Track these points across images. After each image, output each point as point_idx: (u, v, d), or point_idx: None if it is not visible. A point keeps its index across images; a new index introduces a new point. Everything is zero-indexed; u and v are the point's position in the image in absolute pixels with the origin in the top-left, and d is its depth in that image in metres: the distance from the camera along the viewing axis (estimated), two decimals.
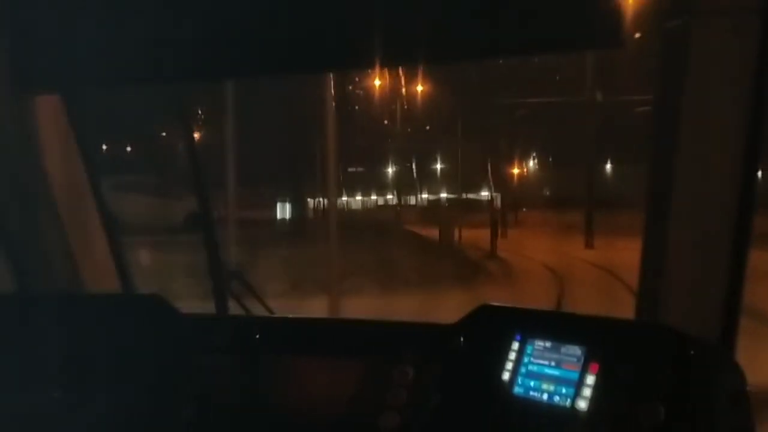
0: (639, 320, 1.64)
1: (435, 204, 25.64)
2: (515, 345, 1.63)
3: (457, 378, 1.66)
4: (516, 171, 23.28)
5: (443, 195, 25.48)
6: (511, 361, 1.61)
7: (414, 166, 26.60)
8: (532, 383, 1.57)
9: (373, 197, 32.33)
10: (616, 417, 1.40)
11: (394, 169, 27.27)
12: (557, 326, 1.62)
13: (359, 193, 30.82)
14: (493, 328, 1.68)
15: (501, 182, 23.46)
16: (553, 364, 1.55)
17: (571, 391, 1.49)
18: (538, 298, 9.77)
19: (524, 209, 23.49)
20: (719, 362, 1.41)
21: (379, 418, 1.65)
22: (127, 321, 1.99)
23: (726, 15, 1.42)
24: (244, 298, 2.09)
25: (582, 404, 1.47)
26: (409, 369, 1.70)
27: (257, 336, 1.91)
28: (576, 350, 1.53)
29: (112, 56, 1.96)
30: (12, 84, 2.09)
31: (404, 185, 28.21)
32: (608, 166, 22.24)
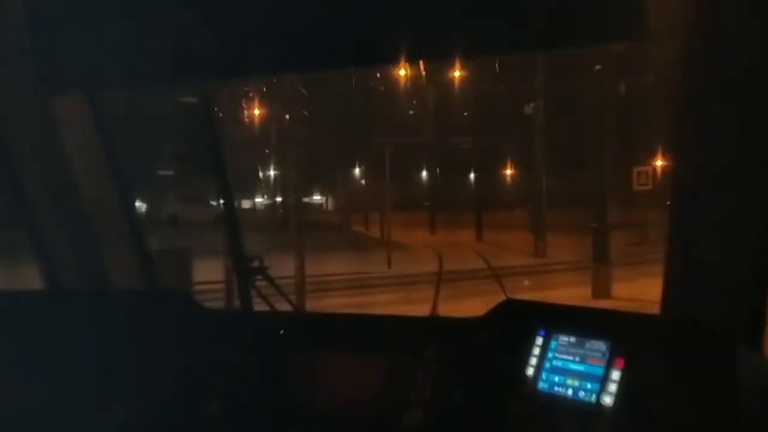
0: (665, 315, 1.63)
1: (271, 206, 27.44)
2: (539, 340, 1.62)
3: (481, 374, 1.66)
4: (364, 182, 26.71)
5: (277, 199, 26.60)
6: (535, 356, 1.61)
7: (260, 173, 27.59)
8: (556, 378, 1.56)
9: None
10: (643, 413, 1.39)
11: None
12: (581, 321, 1.61)
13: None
14: (517, 324, 1.67)
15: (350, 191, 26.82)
16: (577, 359, 1.55)
17: (596, 386, 1.48)
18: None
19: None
20: (746, 357, 1.39)
21: (403, 414, 1.65)
22: (154, 317, 2.02)
23: (747, 7, 1.40)
24: (268, 294, 2.11)
25: (607, 400, 1.46)
26: (433, 365, 1.70)
27: (281, 332, 1.92)
28: (601, 345, 1.52)
29: (136, 57, 1.99)
30: (40, 86, 2.13)
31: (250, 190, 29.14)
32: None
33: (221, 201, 2.26)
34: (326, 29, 1.77)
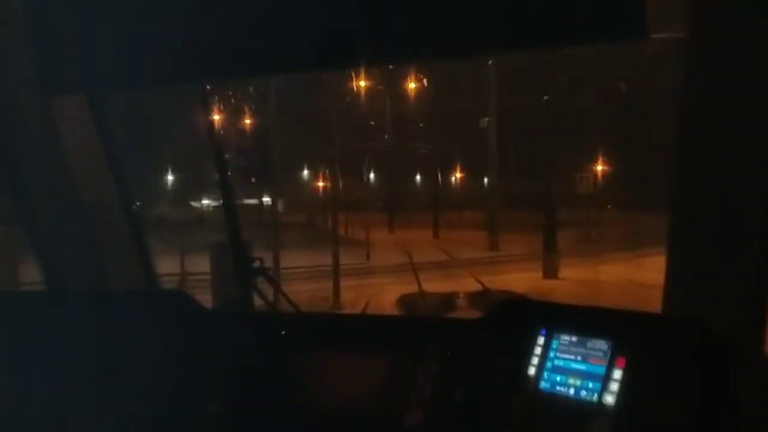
0: (666, 315, 1.62)
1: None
2: (541, 340, 1.62)
3: (483, 373, 1.65)
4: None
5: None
6: (536, 356, 1.61)
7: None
8: (558, 378, 1.56)
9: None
10: (644, 412, 1.39)
11: None
12: (583, 320, 1.61)
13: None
14: (519, 323, 1.67)
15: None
16: (579, 358, 1.54)
17: (598, 385, 1.48)
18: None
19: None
20: (747, 357, 1.39)
21: (404, 414, 1.65)
22: (153, 317, 2.02)
23: (749, 18, 1.40)
24: (268, 294, 2.11)
25: (609, 399, 1.45)
26: (434, 365, 1.70)
27: (282, 332, 1.92)
28: (602, 345, 1.51)
29: (136, 58, 1.99)
30: (40, 86, 2.13)
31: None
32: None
33: (222, 201, 2.25)
34: (326, 29, 1.77)
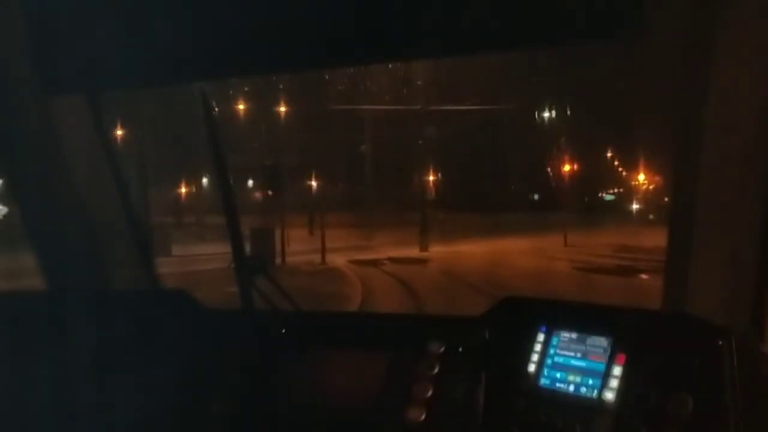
0: (666, 311, 1.63)
1: None
2: (541, 337, 1.62)
3: (483, 371, 1.66)
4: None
5: None
6: (536, 353, 1.61)
7: None
8: (558, 375, 1.56)
9: None
10: (644, 408, 1.39)
11: None
12: (582, 317, 1.61)
13: None
14: (518, 321, 1.67)
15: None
16: (579, 355, 1.55)
17: (598, 382, 1.48)
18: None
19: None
20: (748, 352, 1.39)
21: (405, 412, 1.65)
22: (153, 317, 2.02)
23: (747, 24, 1.41)
24: (268, 292, 2.11)
25: (609, 396, 1.46)
26: (435, 362, 1.70)
27: (283, 330, 1.92)
28: (602, 341, 1.52)
29: (136, 58, 1.99)
30: (39, 86, 2.13)
31: None
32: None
33: (222, 205, 2.25)
34: (326, 28, 1.77)
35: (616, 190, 35.86)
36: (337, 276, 15.26)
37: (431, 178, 28.05)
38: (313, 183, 27.26)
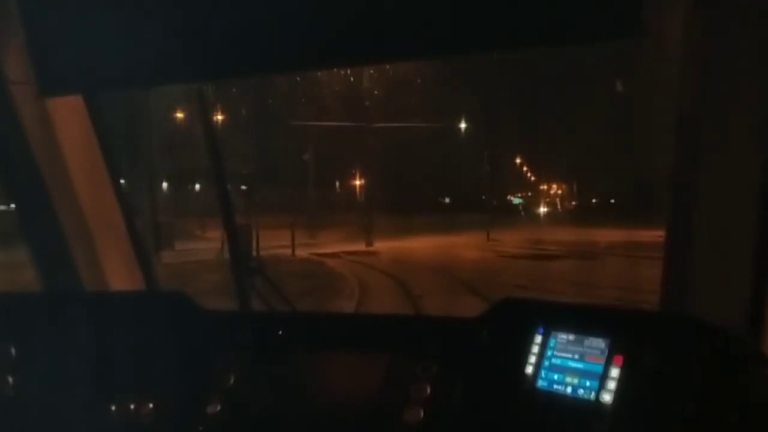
0: (664, 311, 1.62)
1: None
2: (538, 338, 1.62)
3: (481, 372, 1.65)
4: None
5: None
6: (534, 354, 1.61)
7: None
8: (555, 376, 1.56)
9: None
10: (642, 410, 1.38)
11: None
12: (580, 318, 1.61)
13: None
14: (516, 322, 1.67)
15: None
16: (576, 357, 1.54)
17: (596, 384, 1.48)
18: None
19: None
20: (746, 353, 1.39)
21: (403, 413, 1.65)
22: (151, 318, 2.02)
23: (748, 23, 1.41)
24: (266, 294, 2.11)
25: (607, 397, 1.45)
26: (433, 363, 1.70)
27: (280, 332, 1.92)
28: (600, 343, 1.52)
29: (132, 58, 1.98)
30: (35, 86, 2.12)
31: None
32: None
33: (219, 206, 2.24)
34: (326, 28, 1.77)
35: (524, 194, 42.23)
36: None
37: (359, 182, 31.96)
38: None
